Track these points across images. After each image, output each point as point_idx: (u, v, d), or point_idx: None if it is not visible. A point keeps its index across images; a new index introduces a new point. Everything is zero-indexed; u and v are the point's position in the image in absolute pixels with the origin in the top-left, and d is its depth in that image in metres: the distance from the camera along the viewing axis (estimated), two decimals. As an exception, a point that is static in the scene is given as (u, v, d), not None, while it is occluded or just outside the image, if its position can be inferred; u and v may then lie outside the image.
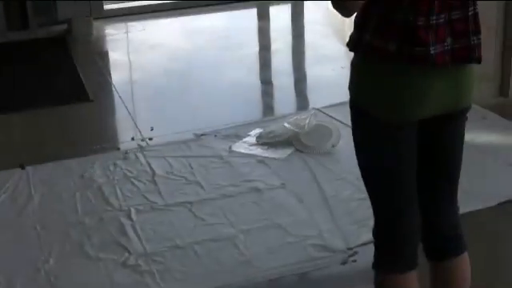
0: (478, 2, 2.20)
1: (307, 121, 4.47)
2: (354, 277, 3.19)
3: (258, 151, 4.35)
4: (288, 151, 4.31)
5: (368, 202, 3.64)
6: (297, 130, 4.39)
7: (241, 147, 4.42)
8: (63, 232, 3.57)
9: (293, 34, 7.34)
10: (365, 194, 3.64)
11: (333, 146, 4.30)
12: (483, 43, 2.25)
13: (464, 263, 2.38)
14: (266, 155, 4.29)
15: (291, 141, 4.37)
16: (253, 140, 4.48)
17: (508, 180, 3.88)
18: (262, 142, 4.44)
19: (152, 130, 4.75)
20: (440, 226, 2.35)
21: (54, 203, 3.87)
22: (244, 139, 4.51)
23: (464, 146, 3.11)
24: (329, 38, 6.74)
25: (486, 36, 2.35)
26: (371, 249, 3.39)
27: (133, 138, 4.64)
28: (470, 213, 3.40)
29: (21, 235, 3.58)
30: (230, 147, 4.41)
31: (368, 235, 3.37)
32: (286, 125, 4.47)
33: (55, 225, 3.64)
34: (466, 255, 2.38)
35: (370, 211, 3.40)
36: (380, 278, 2.33)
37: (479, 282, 2.89)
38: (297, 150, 4.32)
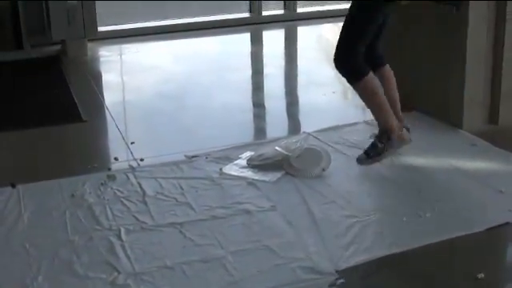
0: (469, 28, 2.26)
1: (298, 144, 4.50)
2: (342, 299, 3.21)
3: (249, 174, 4.37)
4: (278, 174, 4.33)
5: (357, 226, 3.70)
6: (287, 154, 4.40)
7: (231, 169, 4.44)
8: (52, 250, 3.56)
9: (285, 59, 7.40)
10: (355, 219, 3.70)
11: (323, 170, 4.32)
12: (473, 70, 2.30)
13: (388, 69, 4.49)
14: (257, 178, 4.31)
15: (282, 164, 4.39)
16: (244, 163, 4.50)
17: (497, 206, 3.89)
18: (252, 164, 4.45)
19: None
20: (376, 52, 4.43)
21: (44, 221, 3.87)
22: (235, 162, 4.53)
23: (454, 172, 3.26)
24: (321, 64, 6.78)
25: (476, 62, 2.38)
26: (359, 271, 3.42)
27: (116, 159, 4.65)
28: (459, 237, 3.41)
29: (10, 252, 3.57)
30: (221, 169, 4.43)
31: (356, 258, 3.40)
32: (276, 148, 4.49)
33: (44, 243, 3.64)
34: (387, 66, 4.49)
35: (359, 236, 3.48)
36: (355, 86, 4.36)
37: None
38: (287, 173, 4.33)
